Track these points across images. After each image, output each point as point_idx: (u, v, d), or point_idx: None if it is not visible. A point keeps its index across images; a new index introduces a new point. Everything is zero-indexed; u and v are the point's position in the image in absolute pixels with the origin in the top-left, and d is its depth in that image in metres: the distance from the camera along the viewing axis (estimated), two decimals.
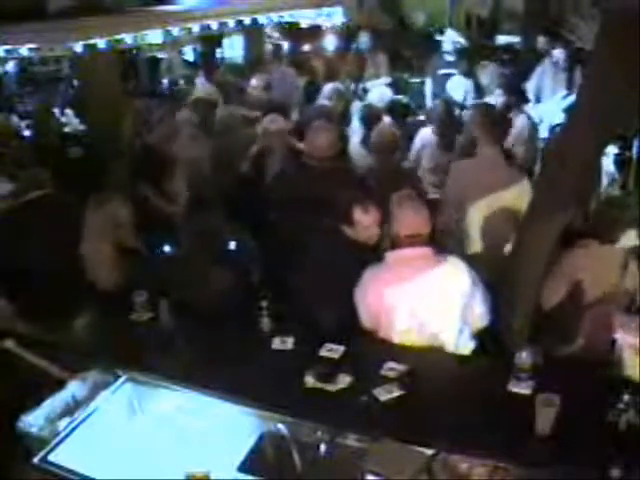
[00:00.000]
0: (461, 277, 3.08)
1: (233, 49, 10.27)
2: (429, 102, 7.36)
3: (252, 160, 4.98)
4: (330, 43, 9.15)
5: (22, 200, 4.14)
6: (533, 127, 6.02)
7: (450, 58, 7.58)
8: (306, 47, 9.89)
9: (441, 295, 3.06)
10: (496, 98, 6.31)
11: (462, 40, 7.82)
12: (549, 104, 6.93)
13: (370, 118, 5.58)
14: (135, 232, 3.85)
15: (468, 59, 7.65)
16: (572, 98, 5.71)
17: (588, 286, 3.39)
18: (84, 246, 3.83)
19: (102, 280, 3.73)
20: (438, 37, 8.08)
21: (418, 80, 8.12)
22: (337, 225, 3.41)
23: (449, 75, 7.33)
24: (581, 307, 3.39)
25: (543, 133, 6.37)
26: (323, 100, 6.41)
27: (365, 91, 7.62)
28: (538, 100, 7.20)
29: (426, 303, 3.06)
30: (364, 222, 3.34)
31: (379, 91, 7.09)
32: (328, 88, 6.58)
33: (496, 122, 4.52)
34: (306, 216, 3.66)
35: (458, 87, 7.15)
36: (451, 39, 7.72)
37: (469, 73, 7.35)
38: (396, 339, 3.13)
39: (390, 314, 3.11)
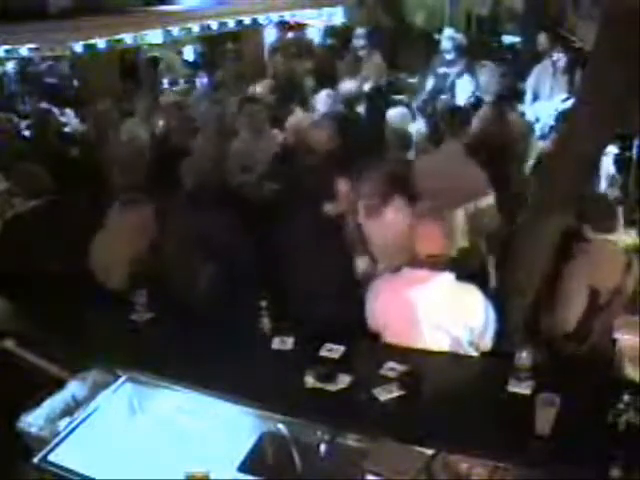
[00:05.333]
0: (476, 313, 2.99)
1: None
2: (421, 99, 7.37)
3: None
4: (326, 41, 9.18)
5: (28, 206, 4.09)
6: (526, 125, 6.00)
7: (448, 57, 7.56)
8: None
9: (451, 328, 3.00)
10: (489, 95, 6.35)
11: (459, 37, 7.78)
12: (547, 104, 6.93)
13: None
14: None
15: (466, 57, 7.64)
16: (571, 102, 5.70)
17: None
18: (102, 246, 3.73)
19: (114, 282, 3.65)
20: (437, 36, 8.04)
21: (417, 80, 8.11)
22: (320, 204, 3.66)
23: (447, 74, 7.32)
24: (595, 309, 3.36)
25: (538, 132, 6.37)
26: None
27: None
28: (536, 99, 7.19)
29: (433, 332, 3.01)
30: (345, 190, 3.67)
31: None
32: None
33: (460, 118, 4.62)
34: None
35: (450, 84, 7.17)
36: (448, 38, 7.70)
37: (464, 72, 7.34)
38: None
39: (392, 331, 3.10)
